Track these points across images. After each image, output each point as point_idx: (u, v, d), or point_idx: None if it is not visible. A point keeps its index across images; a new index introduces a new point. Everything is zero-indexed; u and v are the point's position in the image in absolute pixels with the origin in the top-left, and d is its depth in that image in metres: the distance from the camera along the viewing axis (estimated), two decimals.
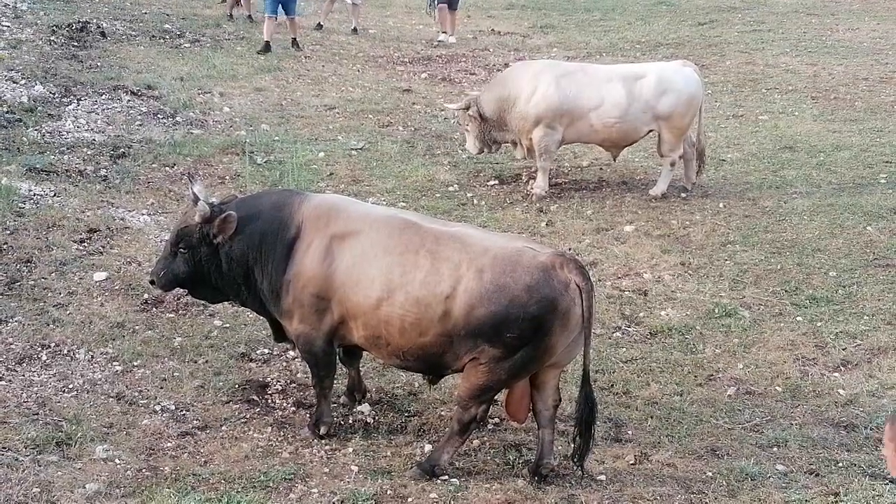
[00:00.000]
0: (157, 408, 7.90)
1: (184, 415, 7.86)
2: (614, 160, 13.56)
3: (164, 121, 14.40)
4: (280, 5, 19.13)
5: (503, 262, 6.89)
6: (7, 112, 13.47)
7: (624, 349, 9.33)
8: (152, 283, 7.95)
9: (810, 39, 22.59)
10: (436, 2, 21.78)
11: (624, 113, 12.52)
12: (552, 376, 7.28)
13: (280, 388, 8.35)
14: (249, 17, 21.46)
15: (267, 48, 18.79)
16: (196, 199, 7.55)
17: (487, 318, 6.81)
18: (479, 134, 13.12)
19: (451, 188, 13.04)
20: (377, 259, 7.09)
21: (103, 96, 14.80)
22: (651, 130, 12.79)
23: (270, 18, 19.01)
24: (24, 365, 8.27)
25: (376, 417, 8.01)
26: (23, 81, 14.67)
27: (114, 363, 8.46)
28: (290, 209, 7.43)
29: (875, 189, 13.43)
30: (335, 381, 7.84)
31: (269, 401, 8.16)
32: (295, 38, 19.57)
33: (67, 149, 12.77)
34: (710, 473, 7.50)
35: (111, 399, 7.95)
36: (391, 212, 7.76)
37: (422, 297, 6.94)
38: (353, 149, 14.13)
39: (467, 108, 13.06)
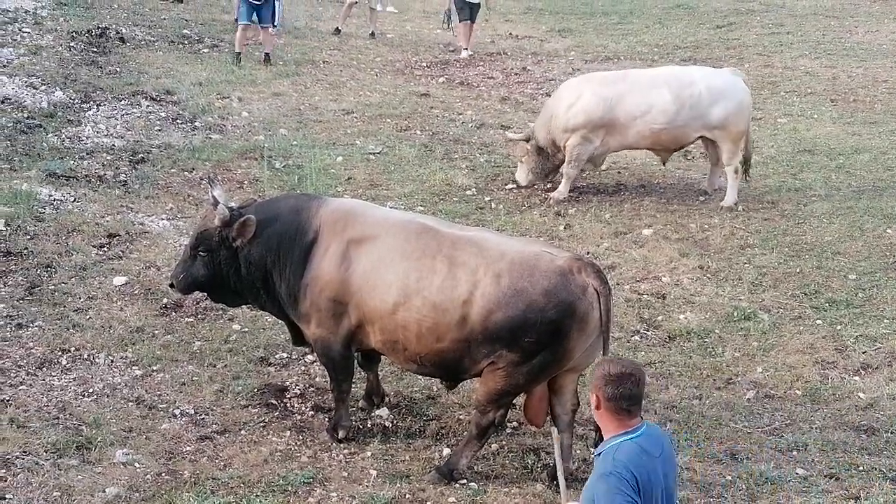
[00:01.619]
0: (177, 412, 7.93)
1: (203, 419, 7.88)
2: (664, 164, 13.54)
3: (183, 126, 14.45)
4: (255, 13, 17.90)
5: (521, 266, 6.88)
6: (27, 118, 13.54)
7: (642, 353, 9.31)
8: (172, 286, 7.99)
9: (829, 42, 22.51)
10: (454, 17, 21.33)
11: (673, 118, 12.45)
12: (570, 381, 7.27)
13: (299, 392, 8.37)
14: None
15: (237, 59, 17.81)
16: (216, 203, 7.57)
17: (505, 322, 6.80)
18: (533, 166, 13.19)
19: (468, 192, 13.04)
20: (394, 264, 7.09)
21: (122, 102, 14.86)
22: (700, 137, 12.72)
23: (243, 27, 17.94)
24: (45, 369, 8.31)
25: (395, 421, 8.02)
26: (43, 87, 14.74)
27: (133, 367, 8.49)
28: (307, 213, 7.45)
29: (895, 192, 13.37)
30: (354, 385, 7.85)
31: (288, 405, 8.17)
32: (268, 53, 18.27)
33: (87, 154, 12.82)
34: (729, 477, 7.48)
35: (131, 403, 7.98)
36: (408, 216, 7.75)
37: (439, 302, 6.93)
38: (371, 153, 14.15)
39: (528, 140, 13.15)
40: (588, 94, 12.64)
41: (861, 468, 7.63)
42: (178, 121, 14.60)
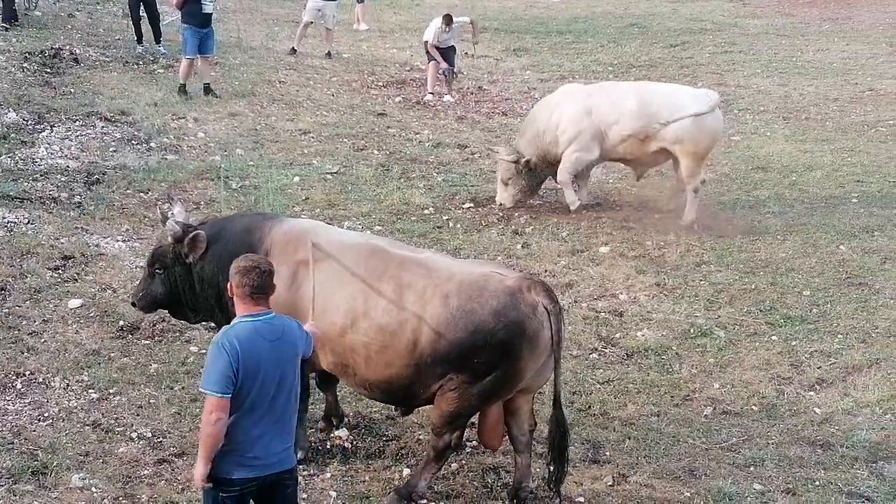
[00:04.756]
0: (134, 435, 7.85)
1: (160, 442, 7.81)
2: (637, 179, 13.76)
3: (139, 147, 14.36)
4: (198, 46, 17.18)
5: (469, 287, 6.81)
6: None
7: (600, 370, 9.35)
8: (133, 304, 7.97)
9: (781, 60, 22.83)
10: (448, 71, 19.46)
11: (636, 127, 12.61)
12: (525, 402, 7.23)
13: None
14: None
15: (183, 90, 17.21)
16: (164, 218, 7.54)
17: (454, 344, 6.72)
18: (522, 186, 13.26)
19: (426, 211, 13.05)
20: (342, 286, 7.02)
21: (77, 123, 14.74)
22: (663, 149, 12.80)
23: (189, 61, 17.25)
24: None
25: (354, 442, 7.99)
26: None
27: (89, 391, 8.41)
28: (260, 233, 7.39)
29: (847, 208, 13.56)
30: (312, 406, 7.81)
31: None
32: (208, 84, 17.48)
33: (41, 176, 12.70)
34: (688, 494, 7.52)
35: (87, 427, 7.90)
36: (359, 238, 7.69)
37: (385, 324, 6.85)
38: (328, 173, 14.14)
39: (517, 162, 13.06)
40: (570, 107, 12.84)
41: (817, 483, 7.71)
42: (133, 142, 14.50)
